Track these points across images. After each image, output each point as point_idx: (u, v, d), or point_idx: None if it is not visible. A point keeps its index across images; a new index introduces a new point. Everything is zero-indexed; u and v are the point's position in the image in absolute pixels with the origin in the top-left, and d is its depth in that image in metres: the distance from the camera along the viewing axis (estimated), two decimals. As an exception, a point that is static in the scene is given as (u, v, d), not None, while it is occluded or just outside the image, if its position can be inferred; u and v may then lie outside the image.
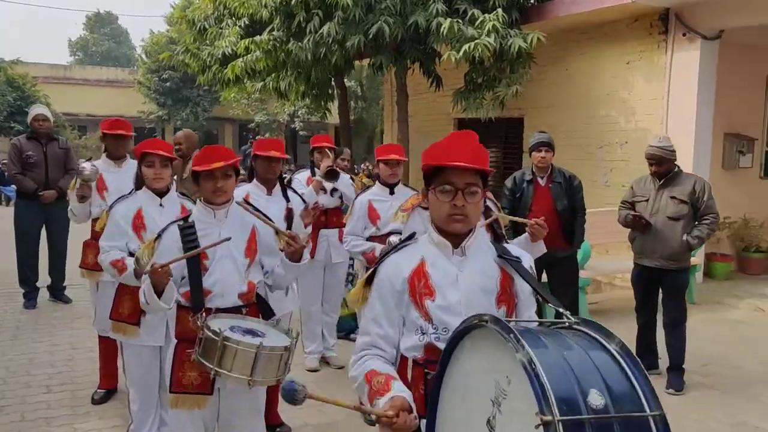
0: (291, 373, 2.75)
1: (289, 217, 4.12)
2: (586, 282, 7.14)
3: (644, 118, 8.45)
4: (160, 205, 3.64)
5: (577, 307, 5.89)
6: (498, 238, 3.42)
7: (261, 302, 3.07)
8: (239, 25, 9.93)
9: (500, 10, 7.84)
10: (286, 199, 4.19)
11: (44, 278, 7.29)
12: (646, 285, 5.17)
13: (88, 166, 4.52)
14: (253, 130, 30.06)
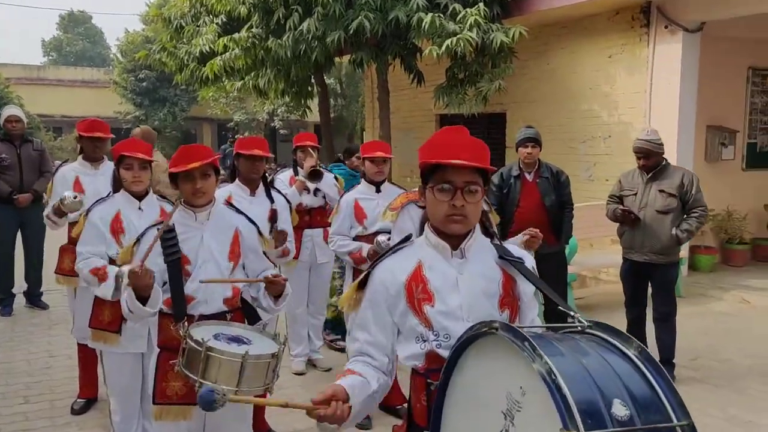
0: None
1: (273, 218, 3.98)
2: (573, 277, 7.09)
3: (627, 111, 8.43)
4: (139, 209, 3.50)
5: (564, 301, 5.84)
6: (489, 235, 3.33)
7: (246, 307, 2.95)
8: (217, 23, 9.76)
9: (482, 5, 7.75)
10: (270, 200, 4.06)
11: (20, 284, 7.09)
12: (635, 280, 5.11)
13: (70, 196, 4.15)
14: (232, 129, 29.78)
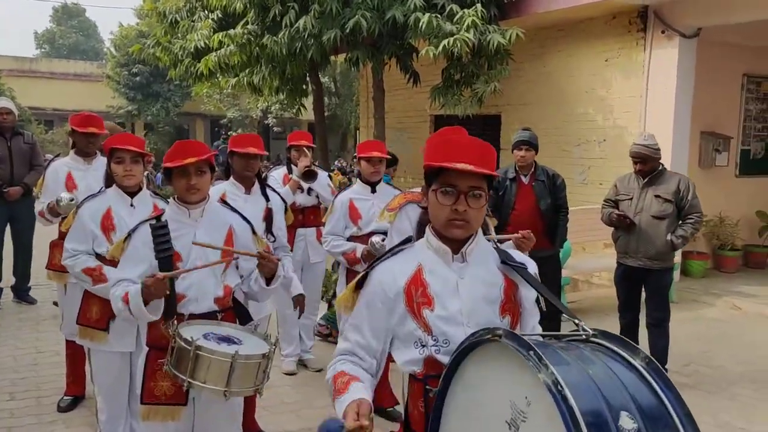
0: None
1: (268, 217, 3.92)
2: (566, 281, 7.07)
3: (622, 115, 8.42)
4: (131, 205, 3.42)
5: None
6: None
7: (238, 307, 2.90)
8: (212, 18, 9.68)
9: (479, 6, 7.72)
10: (266, 199, 4.00)
11: (8, 278, 7.00)
12: (629, 285, 5.09)
13: (66, 198, 4.11)
14: (225, 126, 29.67)
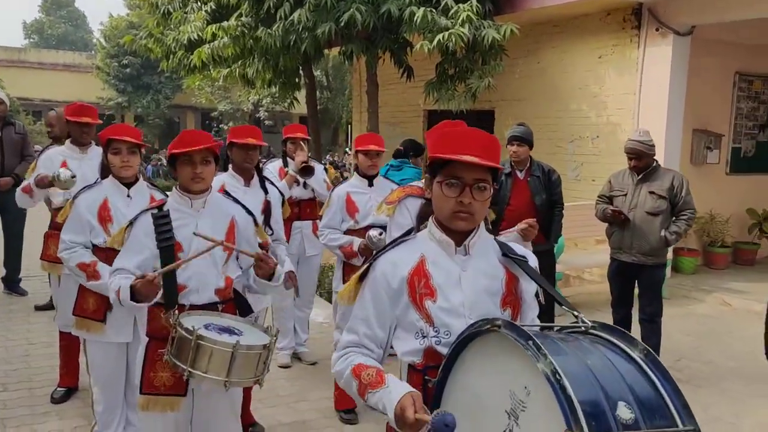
0: None
1: (267, 210, 3.93)
2: (559, 276, 7.12)
3: (615, 112, 8.46)
4: (128, 196, 3.42)
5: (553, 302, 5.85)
6: None
7: (238, 298, 2.91)
8: (206, 10, 9.64)
9: (474, 1, 7.72)
10: (265, 191, 4.01)
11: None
12: (622, 280, 5.13)
13: (66, 173, 4.00)
14: (216, 118, 29.57)
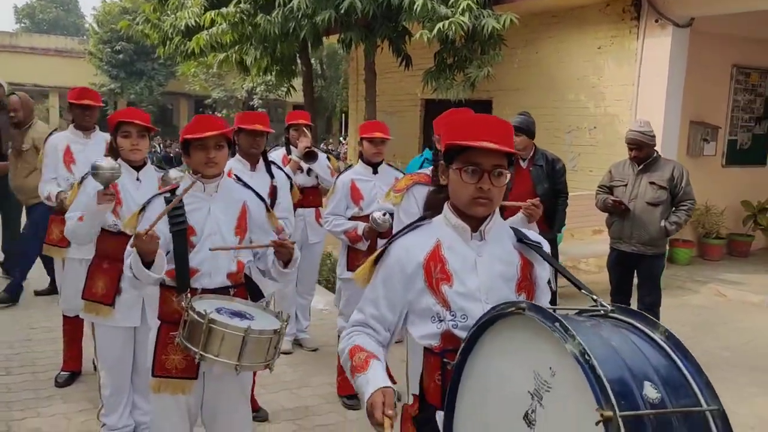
0: None
1: (273, 194, 3.95)
2: (556, 265, 7.14)
3: (614, 103, 8.50)
4: (137, 179, 3.43)
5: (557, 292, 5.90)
6: None
7: (249, 283, 2.92)
8: (204, -4, 9.59)
9: (474, -10, 7.71)
10: (271, 176, 4.02)
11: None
12: (621, 270, 5.18)
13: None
14: (209, 106, 29.43)
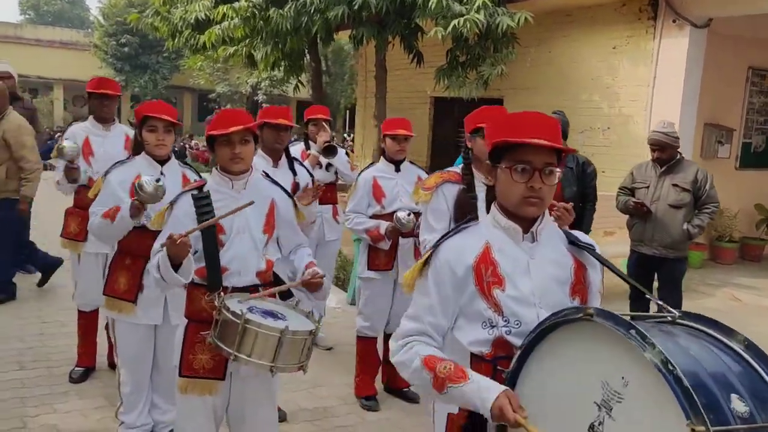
0: None
1: (294, 191, 3.88)
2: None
3: (628, 104, 8.43)
4: (161, 174, 3.36)
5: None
6: None
7: (278, 282, 2.86)
8: (214, -11, 9.52)
9: (488, -13, 7.64)
10: (293, 173, 3.95)
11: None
12: (642, 273, 5.11)
13: (68, 144, 4.07)
14: (214, 100, 29.35)
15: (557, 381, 1.60)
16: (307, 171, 4.14)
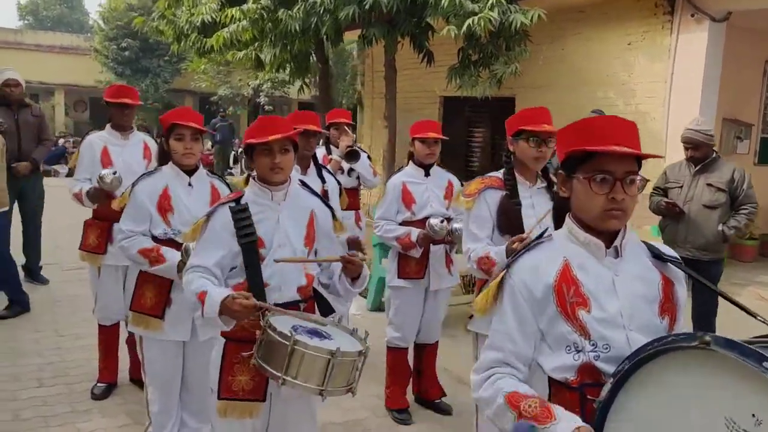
0: None
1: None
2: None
3: (645, 100, 8.27)
4: (189, 185, 3.22)
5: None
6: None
7: (318, 297, 2.72)
8: (221, -8, 9.39)
9: (501, -16, 7.49)
10: (322, 180, 3.81)
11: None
12: (675, 275, 4.95)
13: (108, 173, 3.90)
14: (215, 103, 29.17)
15: (662, 414, 1.46)
16: (336, 179, 3.99)
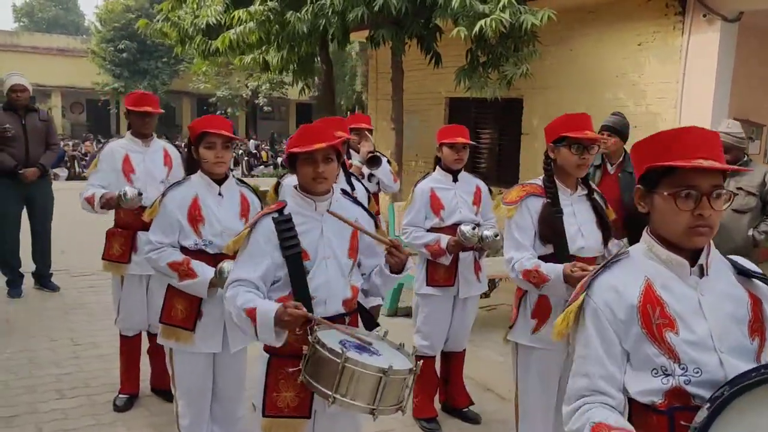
0: None
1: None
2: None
3: (655, 102, 8.22)
4: (219, 194, 3.14)
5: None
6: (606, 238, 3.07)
7: (362, 310, 2.65)
8: (225, -6, 9.32)
9: (511, -15, 7.44)
10: (351, 187, 3.74)
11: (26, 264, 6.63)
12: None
13: (133, 192, 3.89)
14: (213, 104, 29.10)
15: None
16: (364, 187, 3.92)
